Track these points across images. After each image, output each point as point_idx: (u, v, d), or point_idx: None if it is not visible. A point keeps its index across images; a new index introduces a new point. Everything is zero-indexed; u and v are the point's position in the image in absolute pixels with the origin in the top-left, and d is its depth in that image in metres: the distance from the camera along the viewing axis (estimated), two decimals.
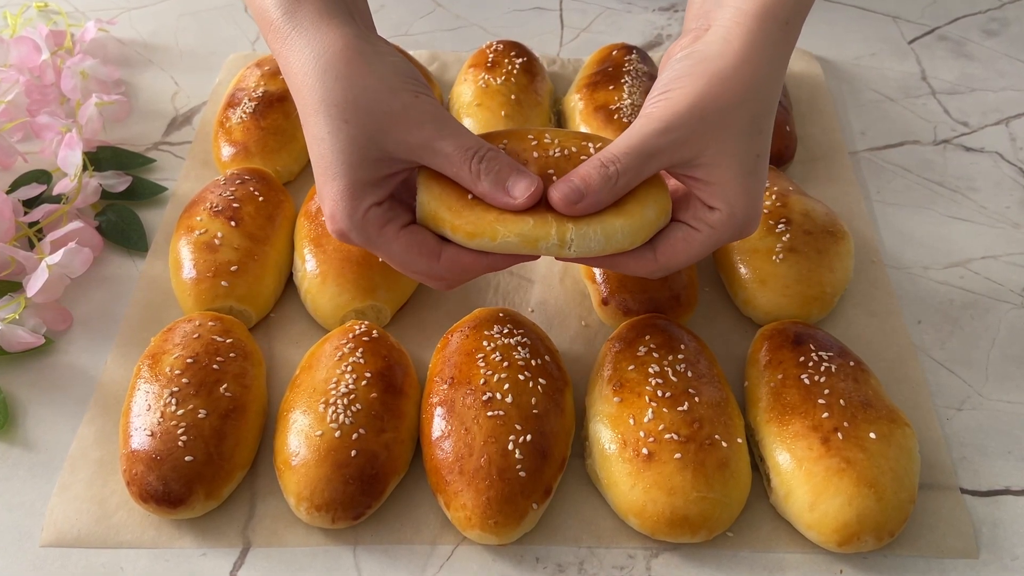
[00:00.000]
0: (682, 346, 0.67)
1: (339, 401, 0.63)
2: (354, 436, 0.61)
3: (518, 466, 0.60)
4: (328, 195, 0.58)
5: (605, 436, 0.63)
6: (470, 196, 0.59)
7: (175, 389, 0.63)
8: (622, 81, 0.88)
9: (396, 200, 0.61)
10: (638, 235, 0.59)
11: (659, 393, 0.63)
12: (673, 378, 0.64)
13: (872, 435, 0.61)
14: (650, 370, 0.65)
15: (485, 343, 0.66)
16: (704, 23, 0.61)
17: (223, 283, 0.72)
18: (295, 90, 0.59)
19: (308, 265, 0.74)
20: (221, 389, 0.64)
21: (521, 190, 0.58)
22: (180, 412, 0.62)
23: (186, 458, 0.61)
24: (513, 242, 0.58)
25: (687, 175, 0.60)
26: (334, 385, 0.64)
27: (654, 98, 0.59)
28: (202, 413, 0.62)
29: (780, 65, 0.60)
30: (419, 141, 0.57)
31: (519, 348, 0.66)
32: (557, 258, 0.61)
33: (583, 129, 0.86)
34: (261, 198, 0.77)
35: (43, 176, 0.84)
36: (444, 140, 0.57)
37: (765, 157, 0.60)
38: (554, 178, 0.60)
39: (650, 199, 0.60)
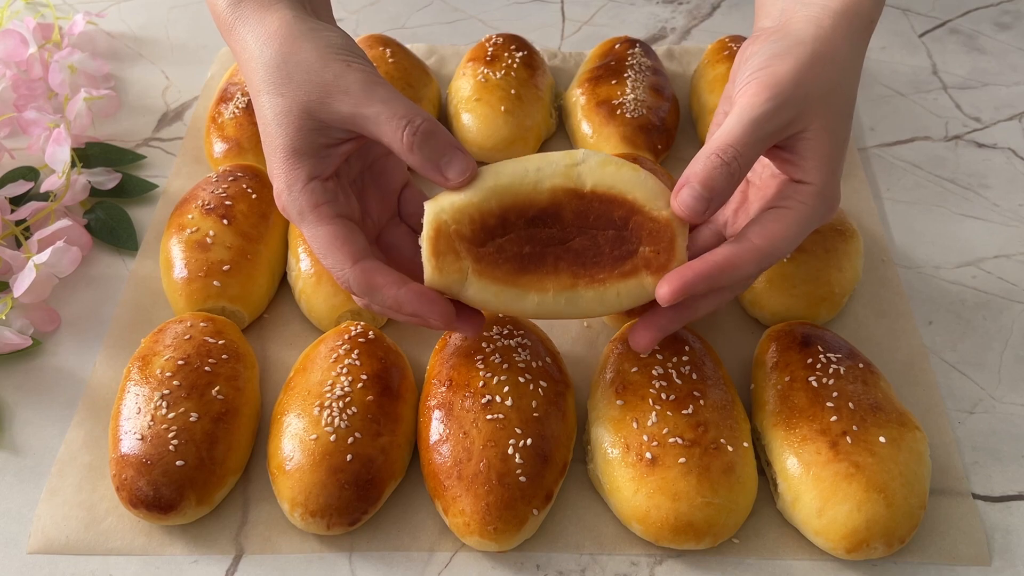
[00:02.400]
0: (687, 348, 0.67)
1: (334, 404, 0.63)
2: (350, 440, 0.61)
3: (518, 471, 0.60)
4: (272, 169, 0.59)
5: (607, 440, 0.63)
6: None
7: (166, 392, 0.63)
8: (625, 75, 0.88)
9: (343, 188, 0.61)
10: (604, 164, 0.58)
11: (663, 396, 0.63)
12: (677, 380, 0.64)
13: (882, 439, 0.61)
14: (654, 372, 0.65)
15: (484, 345, 0.66)
16: (785, 19, 0.62)
17: (215, 283, 0.72)
18: (246, 80, 0.61)
19: (303, 264, 0.74)
20: (213, 392, 0.64)
21: (456, 172, 0.58)
22: (171, 415, 0.62)
23: (177, 462, 0.61)
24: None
25: (783, 149, 0.60)
26: (329, 388, 0.64)
27: (752, 73, 0.59)
28: (194, 416, 0.62)
29: (861, 62, 0.62)
30: (350, 109, 0.57)
31: (519, 350, 0.66)
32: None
33: (584, 125, 0.86)
34: (254, 195, 0.77)
35: (30, 173, 0.84)
36: (373, 106, 0.57)
37: (847, 145, 0.61)
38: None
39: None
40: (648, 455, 0.61)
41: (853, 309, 0.77)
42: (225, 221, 0.74)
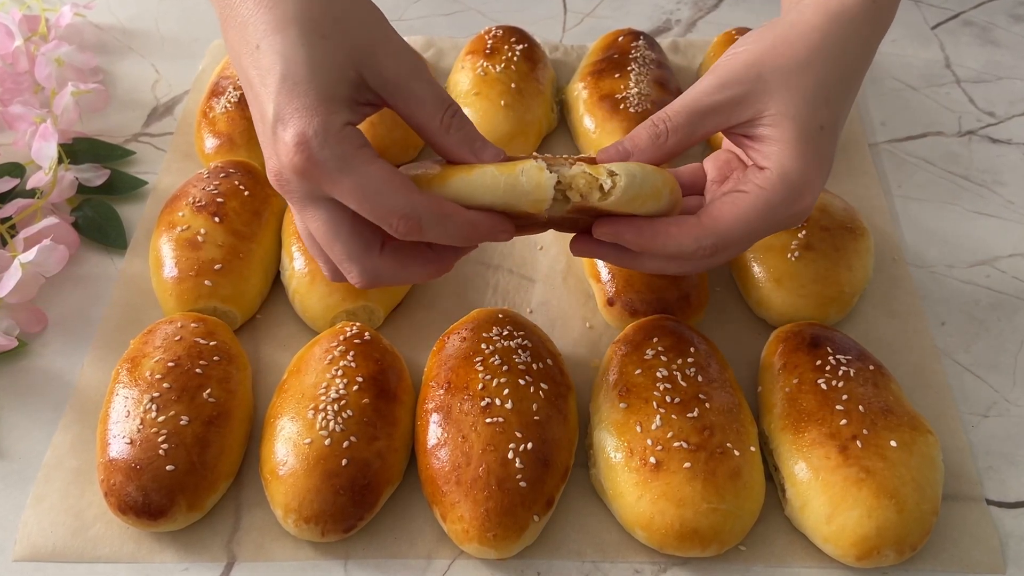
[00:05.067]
0: (692, 349, 0.67)
1: (329, 407, 0.63)
2: (345, 444, 0.61)
3: (518, 476, 0.60)
4: (295, 113, 0.53)
5: (610, 444, 0.63)
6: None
7: (156, 394, 0.63)
8: (628, 69, 0.88)
9: None
10: (631, 184, 0.55)
11: (667, 399, 0.63)
12: (682, 383, 0.64)
13: (893, 443, 0.61)
14: (658, 374, 0.65)
15: (483, 346, 0.66)
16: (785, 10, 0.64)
17: (206, 282, 0.72)
18: (247, 13, 0.56)
19: (296, 263, 0.74)
20: (204, 394, 0.64)
21: (490, 155, 0.58)
22: (161, 419, 0.62)
23: (167, 467, 0.61)
24: (489, 172, 0.55)
25: (743, 134, 0.61)
26: (324, 390, 0.64)
27: (718, 61, 0.61)
28: (184, 420, 0.62)
29: (861, 41, 0.62)
30: (396, 77, 0.56)
31: (519, 351, 0.66)
32: (581, 208, 0.56)
33: (587, 120, 0.87)
34: (247, 192, 0.77)
35: (16, 169, 0.84)
36: (422, 83, 0.57)
37: (831, 132, 0.60)
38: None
39: (659, 171, 0.59)
40: (652, 459, 0.61)
41: (863, 309, 0.77)
42: (217, 219, 0.74)
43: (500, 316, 0.69)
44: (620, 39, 0.93)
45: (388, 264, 0.58)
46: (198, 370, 0.65)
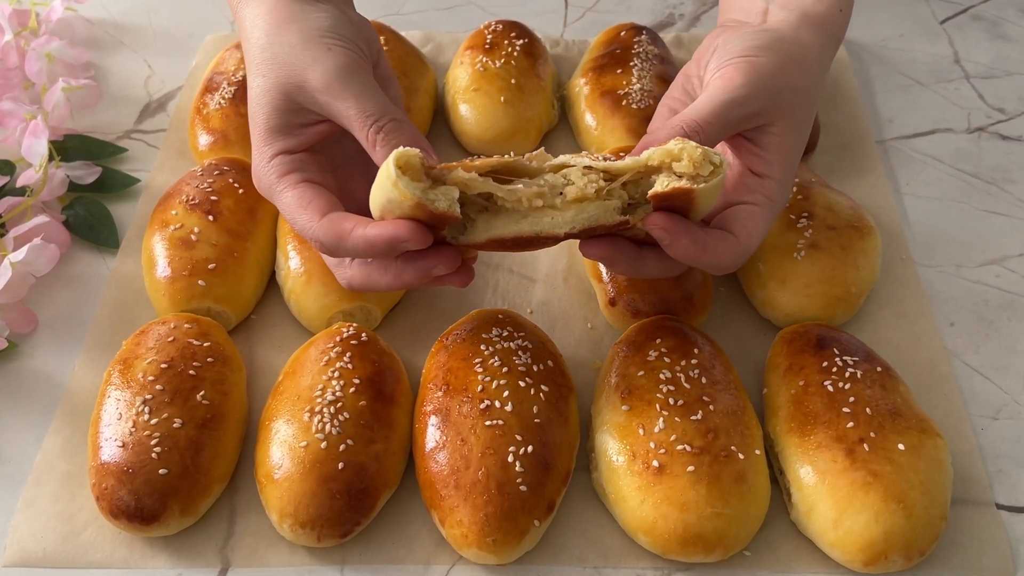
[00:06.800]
0: (695, 350, 0.67)
1: (325, 409, 0.63)
2: (341, 447, 0.61)
3: (519, 480, 0.60)
4: (252, 149, 0.64)
5: (612, 447, 0.63)
6: None
7: (148, 396, 0.63)
8: (631, 64, 0.88)
9: (317, 162, 0.64)
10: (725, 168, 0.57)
11: (671, 401, 0.63)
12: (686, 385, 0.64)
13: (901, 446, 0.61)
14: (661, 376, 0.65)
15: (483, 347, 0.66)
16: (758, 18, 0.68)
17: (200, 282, 0.72)
18: (244, 59, 0.66)
19: (292, 263, 0.74)
20: (198, 397, 0.64)
21: None
22: (154, 421, 0.62)
23: (160, 471, 0.61)
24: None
25: (748, 138, 0.63)
26: (320, 392, 0.64)
27: (731, 59, 0.63)
28: (177, 422, 0.62)
29: (826, 75, 0.68)
30: (324, 98, 0.61)
31: (519, 352, 0.66)
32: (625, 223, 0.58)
33: (588, 116, 0.87)
34: (241, 190, 0.77)
35: (6, 167, 0.84)
36: (346, 100, 0.60)
37: (802, 151, 0.66)
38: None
39: None
40: (655, 463, 0.61)
41: (870, 310, 0.77)
42: (211, 217, 0.74)
43: (500, 316, 0.69)
44: (622, 34, 0.93)
45: (357, 273, 0.63)
46: (191, 372, 0.65)
